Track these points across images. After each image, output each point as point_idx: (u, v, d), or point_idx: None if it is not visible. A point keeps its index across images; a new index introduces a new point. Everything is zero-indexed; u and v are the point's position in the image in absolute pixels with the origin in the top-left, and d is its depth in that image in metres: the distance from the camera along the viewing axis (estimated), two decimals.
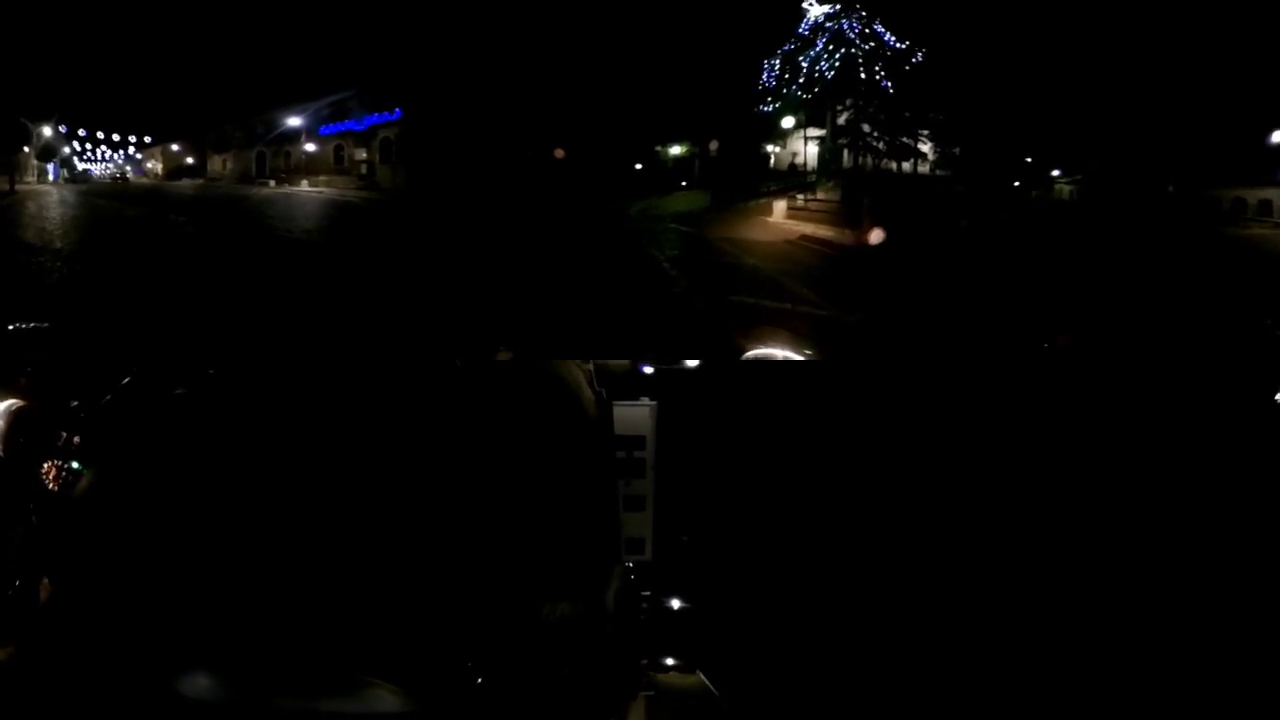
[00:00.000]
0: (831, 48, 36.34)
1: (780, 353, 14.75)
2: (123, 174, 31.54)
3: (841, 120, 36.38)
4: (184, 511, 9.04)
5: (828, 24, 34.08)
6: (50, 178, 30.85)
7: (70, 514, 9.67)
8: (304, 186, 33.18)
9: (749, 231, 29.99)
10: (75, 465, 10.20)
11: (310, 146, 33.22)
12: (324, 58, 31.03)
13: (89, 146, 31.09)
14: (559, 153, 33.63)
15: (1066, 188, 29.17)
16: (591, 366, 12.15)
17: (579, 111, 34.50)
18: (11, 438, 11.10)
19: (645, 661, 15.68)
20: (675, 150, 38.20)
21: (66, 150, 31.00)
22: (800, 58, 37.25)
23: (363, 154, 32.97)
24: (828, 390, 15.30)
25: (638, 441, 13.60)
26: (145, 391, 10.12)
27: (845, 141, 36.17)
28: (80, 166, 31.17)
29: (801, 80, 35.23)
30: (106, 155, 31.64)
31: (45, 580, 8.73)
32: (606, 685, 13.04)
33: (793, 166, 37.91)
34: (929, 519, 16.58)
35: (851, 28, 36.29)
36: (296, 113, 33.05)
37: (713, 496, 16.11)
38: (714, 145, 36.57)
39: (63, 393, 11.11)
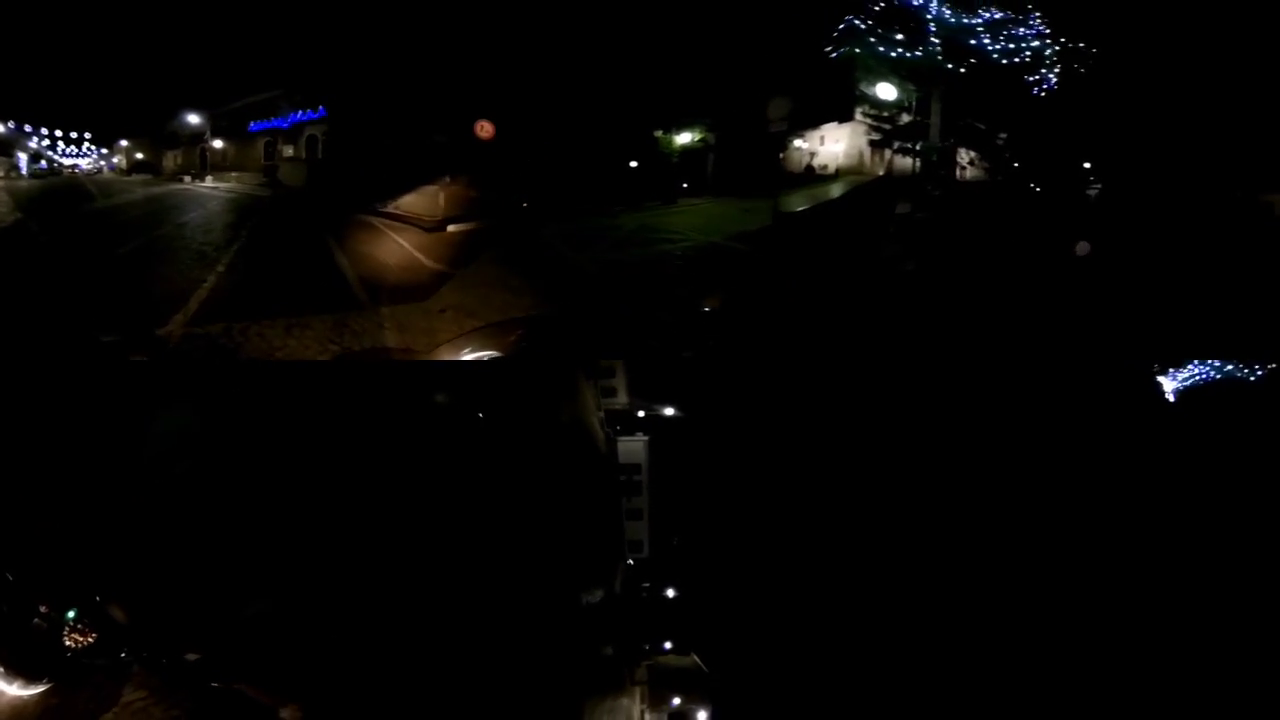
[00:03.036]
0: None
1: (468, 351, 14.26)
2: (76, 168, 33.21)
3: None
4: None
5: None
6: (21, 170, 32.31)
7: None
8: (208, 182, 32.23)
9: None
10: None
11: (235, 145, 32.33)
12: (256, 54, 28.66)
13: (47, 143, 32.71)
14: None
15: (1091, 191, 26.77)
16: (603, 413, 17.43)
17: (544, 88, 25.31)
18: None
19: (648, 647, 20.31)
20: (684, 139, 28.09)
21: (33, 145, 32.29)
22: None
23: (290, 151, 31.09)
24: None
25: (635, 468, 19.19)
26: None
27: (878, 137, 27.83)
28: (68, 162, 32.74)
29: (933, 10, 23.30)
30: (82, 151, 33.80)
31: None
32: (621, 654, 17.92)
33: (809, 168, 30.65)
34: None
35: None
36: (229, 112, 32.10)
37: (693, 506, 20.65)
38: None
39: None
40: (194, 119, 31.90)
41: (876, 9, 23.80)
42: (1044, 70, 23.58)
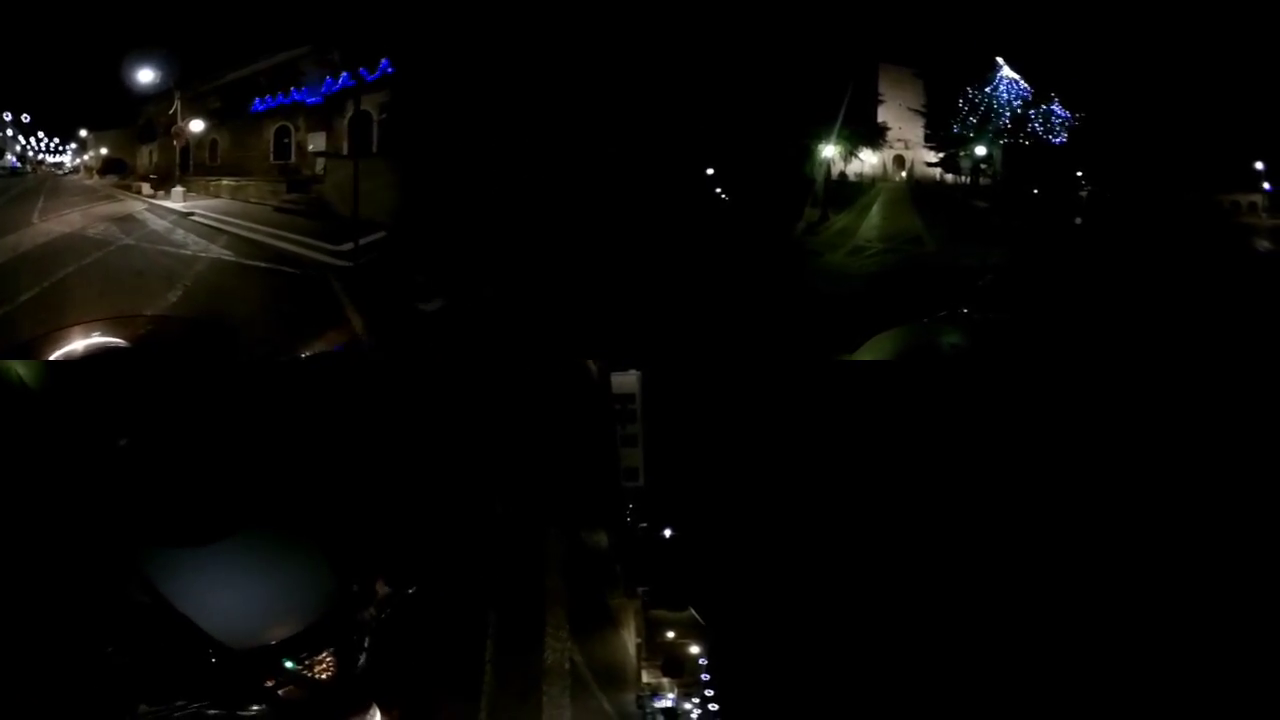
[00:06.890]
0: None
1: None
2: (61, 167, 29.88)
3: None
4: None
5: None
6: None
7: None
8: (173, 202, 22.61)
9: None
10: None
11: (230, 135, 23.52)
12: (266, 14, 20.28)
13: (30, 139, 30.09)
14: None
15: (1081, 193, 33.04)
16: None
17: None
18: None
19: (646, 597, 20.93)
20: (828, 151, 28.57)
21: None
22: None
23: (321, 140, 21.46)
24: None
25: (629, 399, 20.72)
26: None
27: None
28: (52, 160, 31.57)
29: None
30: (59, 146, 31.58)
31: None
32: (619, 596, 18.79)
33: (843, 174, 31.80)
34: None
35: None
36: (223, 87, 22.89)
37: (688, 441, 21.43)
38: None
39: None
40: (163, 93, 22.68)
41: (979, 109, 33.67)
42: (1063, 133, 34.05)
